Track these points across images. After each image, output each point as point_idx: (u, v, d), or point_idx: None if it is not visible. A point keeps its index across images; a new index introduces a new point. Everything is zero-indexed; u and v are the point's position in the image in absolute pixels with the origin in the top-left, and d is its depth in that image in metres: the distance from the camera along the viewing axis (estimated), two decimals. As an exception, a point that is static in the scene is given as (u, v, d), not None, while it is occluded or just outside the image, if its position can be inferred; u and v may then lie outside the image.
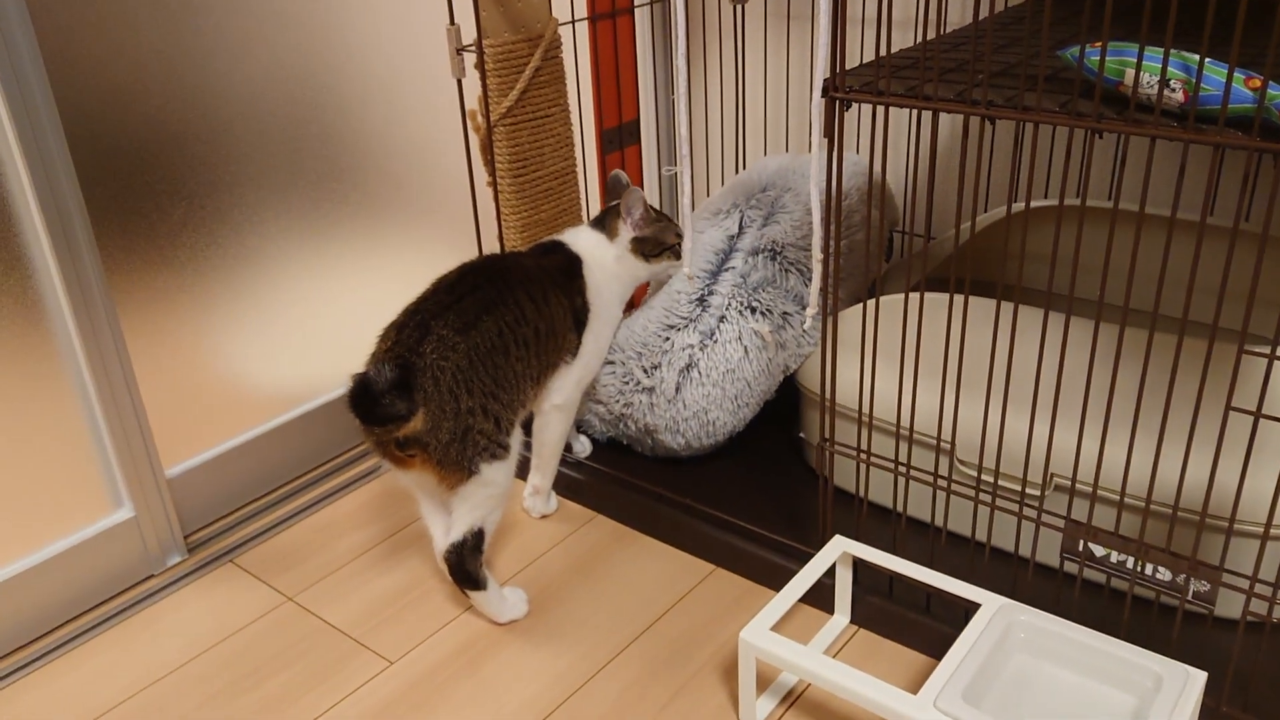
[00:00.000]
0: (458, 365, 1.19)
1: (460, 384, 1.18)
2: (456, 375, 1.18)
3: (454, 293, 1.25)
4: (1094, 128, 0.91)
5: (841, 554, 1.21)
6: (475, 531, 1.24)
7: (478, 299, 1.24)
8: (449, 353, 1.19)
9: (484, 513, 1.25)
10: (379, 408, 1.14)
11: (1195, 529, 0.99)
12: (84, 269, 1.29)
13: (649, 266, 1.43)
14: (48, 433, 1.32)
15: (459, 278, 1.28)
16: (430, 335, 1.19)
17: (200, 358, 1.50)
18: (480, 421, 1.20)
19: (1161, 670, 0.99)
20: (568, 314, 1.35)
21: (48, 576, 1.34)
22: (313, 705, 1.20)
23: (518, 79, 1.39)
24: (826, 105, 1.06)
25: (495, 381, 1.22)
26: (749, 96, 1.92)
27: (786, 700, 1.17)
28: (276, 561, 1.46)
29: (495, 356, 1.22)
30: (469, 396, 1.19)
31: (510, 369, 1.24)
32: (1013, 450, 1.16)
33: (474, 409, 1.19)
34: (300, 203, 1.57)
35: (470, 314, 1.22)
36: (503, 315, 1.25)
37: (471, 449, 1.20)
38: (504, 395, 1.23)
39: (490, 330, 1.23)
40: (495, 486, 1.24)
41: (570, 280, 1.37)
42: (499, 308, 1.25)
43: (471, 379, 1.20)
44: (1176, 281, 0.96)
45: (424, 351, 1.18)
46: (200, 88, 1.41)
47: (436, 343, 1.19)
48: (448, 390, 1.18)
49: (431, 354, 1.18)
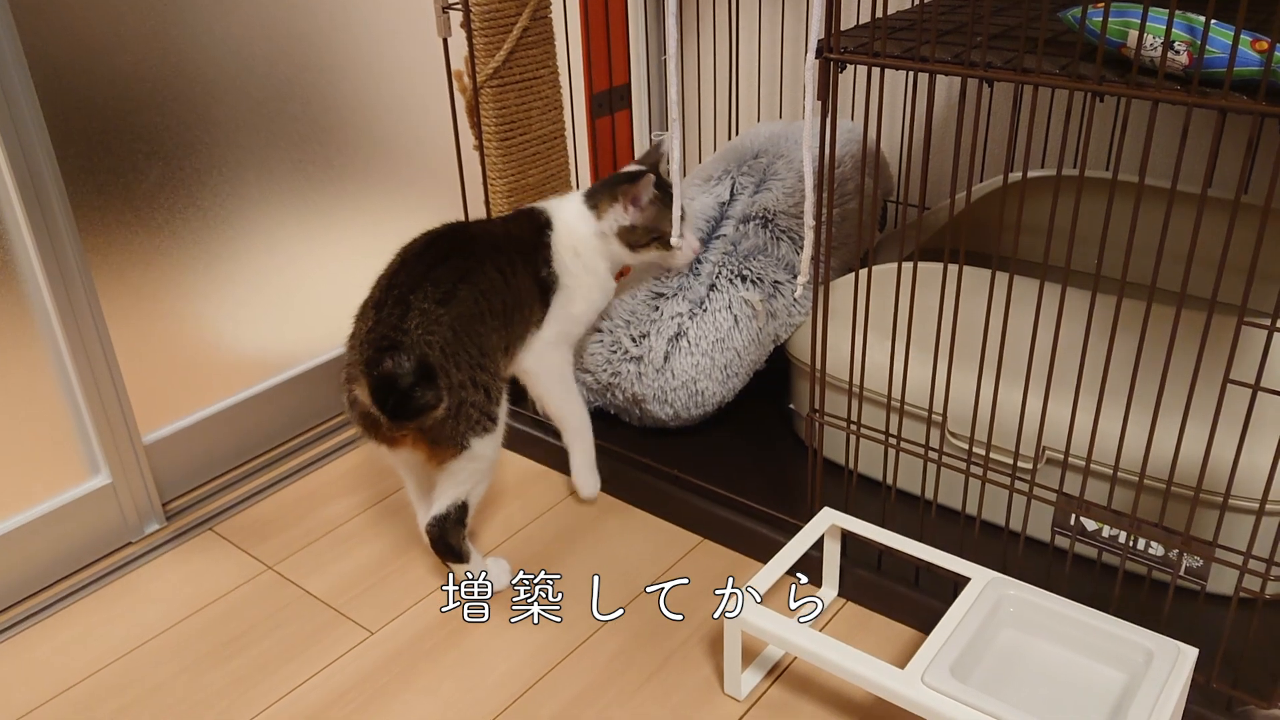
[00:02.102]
0: (444, 339, 1.15)
1: (449, 358, 1.15)
2: (445, 350, 1.15)
3: (424, 261, 1.20)
4: (1095, 90, 0.88)
5: (830, 526, 1.19)
6: (459, 505, 1.22)
7: (450, 268, 1.20)
8: (434, 326, 1.15)
9: (469, 486, 1.22)
10: (411, 402, 1.10)
11: (1189, 504, 0.97)
12: (57, 230, 1.26)
13: (634, 255, 1.36)
14: (21, 397, 1.29)
15: (425, 246, 1.23)
16: (411, 310, 1.15)
17: (178, 322, 1.47)
18: (472, 394, 1.17)
19: (1152, 646, 0.98)
20: (533, 284, 1.30)
21: (22, 542, 1.31)
22: (292, 675, 1.18)
23: (505, 39, 1.36)
24: (820, 67, 1.04)
25: (480, 350, 1.19)
26: (742, 61, 1.88)
27: (772, 673, 1.16)
28: (256, 530, 1.44)
29: (476, 325, 1.19)
30: (458, 370, 1.16)
31: (488, 338, 1.21)
32: (1005, 423, 1.14)
33: (465, 382, 1.16)
34: (282, 164, 1.54)
35: (446, 284, 1.18)
36: (477, 283, 1.20)
37: (464, 424, 1.17)
38: (489, 364, 1.20)
39: (467, 299, 1.19)
40: (482, 460, 1.21)
41: (534, 250, 1.31)
42: (472, 275, 1.20)
43: (459, 351, 1.16)
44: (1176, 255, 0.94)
45: (409, 329, 1.14)
46: (179, 43, 1.37)
47: (420, 317, 1.15)
48: (438, 367, 1.15)
49: (417, 330, 1.14)
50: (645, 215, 1.33)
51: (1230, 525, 1.03)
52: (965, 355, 1.13)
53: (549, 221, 1.34)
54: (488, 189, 1.45)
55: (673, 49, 1.14)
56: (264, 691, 1.16)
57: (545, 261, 1.32)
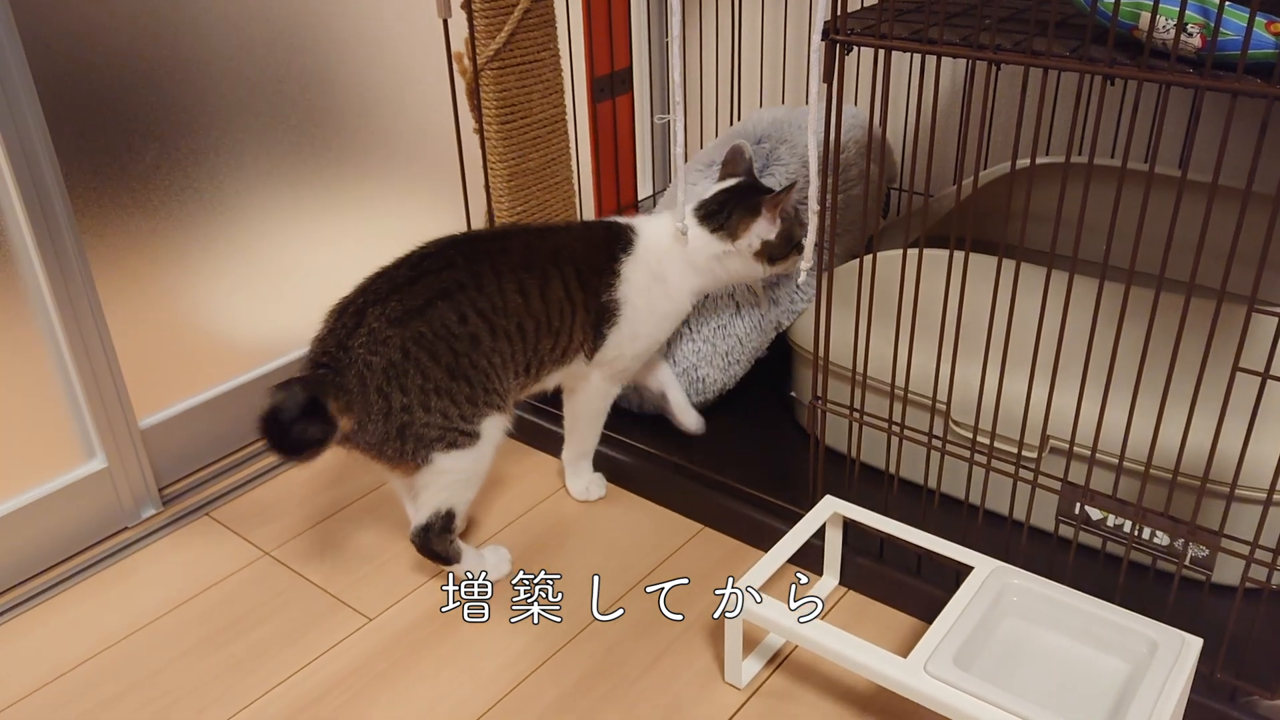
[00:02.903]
0: (390, 360, 1.09)
1: (392, 381, 1.09)
2: (388, 372, 1.09)
3: (417, 268, 1.15)
4: (1106, 73, 0.87)
5: (832, 514, 1.18)
6: (443, 514, 1.19)
7: (440, 280, 1.13)
8: (379, 347, 1.09)
9: (449, 495, 1.19)
10: (289, 438, 1.06)
11: (1194, 493, 0.97)
12: (53, 211, 1.25)
13: (770, 269, 1.25)
14: (17, 381, 1.28)
15: (437, 251, 1.17)
16: (361, 327, 1.10)
17: (175, 306, 1.46)
18: (421, 416, 1.11)
19: (1156, 636, 0.98)
20: (578, 311, 1.21)
21: (17, 527, 1.30)
22: (289, 661, 1.17)
23: (506, 21, 1.34)
24: (826, 49, 1.02)
25: (449, 373, 1.12)
26: (745, 45, 1.86)
27: (773, 662, 1.15)
28: (253, 515, 1.43)
29: (454, 345, 1.12)
30: (402, 394, 1.10)
31: (481, 358, 1.14)
32: (1009, 411, 1.13)
33: (410, 405, 1.10)
34: (280, 147, 1.52)
35: (419, 298, 1.11)
36: (474, 301, 1.13)
37: (414, 443, 1.12)
38: (463, 388, 1.13)
39: (447, 317, 1.12)
40: (457, 473, 1.17)
41: (597, 273, 1.22)
42: (467, 292, 1.13)
43: (407, 373, 1.10)
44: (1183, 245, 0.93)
45: (351, 346, 1.09)
46: (175, 23, 1.35)
47: (366, 336, 1.09)
48: (375, 390, 1.09)
49: (359, 349, 1.09)
50: (785, 224, 1.24)
51: (1237, 515, 1.03)
52: (969, 343, 1.12)
53: (630, 243, 1.25)
54: (488, 172, 1.44)
55: (676, 30, 1.13)
56: (261, 678, 1.15)
57: (608, 287, 1.23)
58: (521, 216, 1.46)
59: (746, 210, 1.23)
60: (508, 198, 1.43)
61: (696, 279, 1.27)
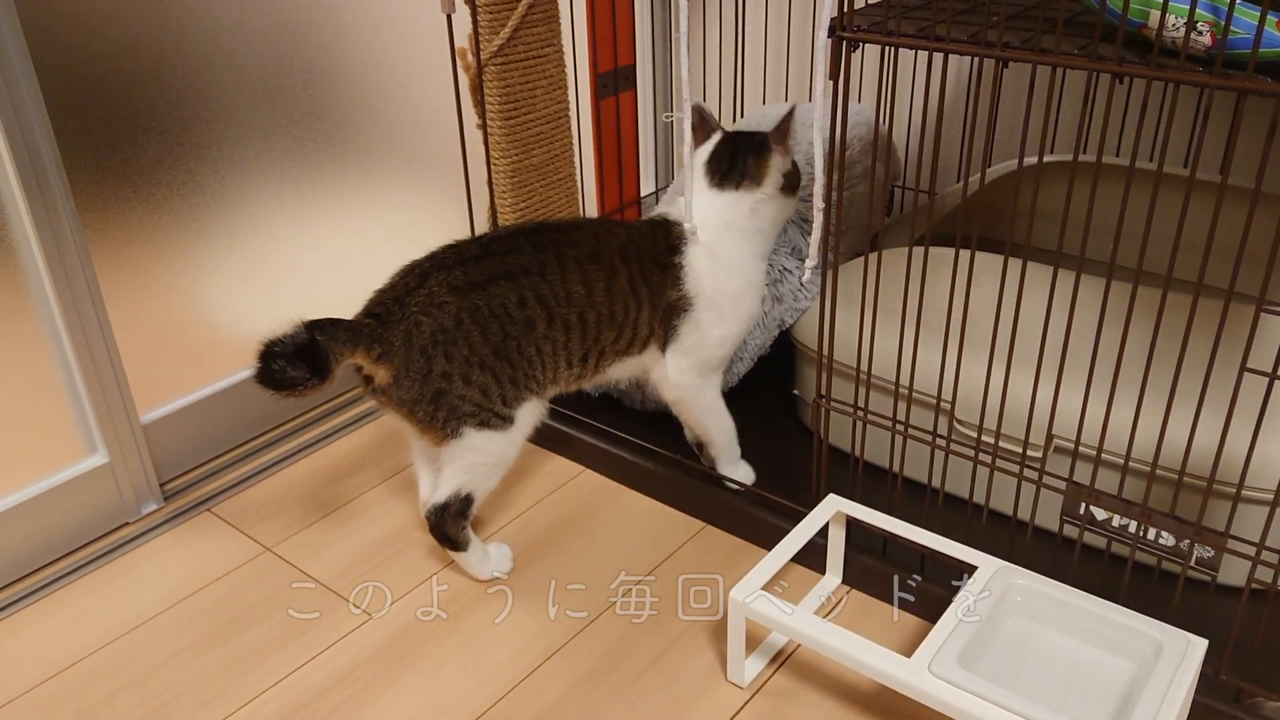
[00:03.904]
0: (440, 325, 1.11)
1: (438, 346, 1.11)
2: (436, 336, 1.11)
3: (487, 247, 1.17)
4: (1115, 72, 0.86)
5: (835, 513, 1.18)
6: (462, 496, 1.20)
7: (506, 262, 1.15)
8: (433, 309, 1.11)
9: (472, 478, 1.19)
10: (270, 371, 1.07)
11: (1200, 494, 0.96)
12: (54, 204, 1.24)
13: (794, 199, 1.24)
14: (18, 375, 1.28)
15: (506, 235, 1.19)
16: (422, 288, 1.13)
17: (177, 300, 1.45)
18: (460, 388, 1.13)
19: (1161, 637, 0.97)
20: (644, 305, 1.20)
21: (18, 522, 1.30)
22: (290, 658, 1.17)
23: (510, 16, 1.34)
24: (833, 46, 1.02)
25: (495, 352, 1.13)
26: (749, 43, 1.86)
27: (776, 660, 1.15)
28: (255, 511, 1.42)
29: (506, 326, 1.13)
30: (446, 361, 1.12)
31: (531, 345, 1.15)
32: (1014, 411, 1.13)
33: (450, 374, 1.12)
34: (282, 141, 1.52)
35: (483, 274, 1.13)
36: (535, 287, 1.15)
37: (447, 412, 1.14)
38: (506, 369, 1.14)
39: (506, 298, 1.13)
40: (485, 454, 1.18)
41: (661, 270, 1.21)
42: (530, 277, 1.15)
43: (455, 342, 1.12)
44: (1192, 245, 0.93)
45: (407, 303, 1.12)
46: (177, 16, 1.35)
47: (425, 297, 1.12)
48: (419, 350, 1.11)
49: (414, 307, 1.12)
50: (790, 153, 1.23)
51: (1243, 516, 1.02)
52: (974, 341, 1.12)
53: (684, 235, 1.22)
54: (490, 168, 1.43)
55: (684, 26, 1.12)
56: (262, 674, 1.15)
57: (675, 283, 1.21)
58: (524, 213, 1.45)
59: (758, 153, 1.21)
60: (510, 194, 1.43)
61: (748, 243, 1.23)
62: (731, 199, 1.22)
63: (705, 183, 1.23)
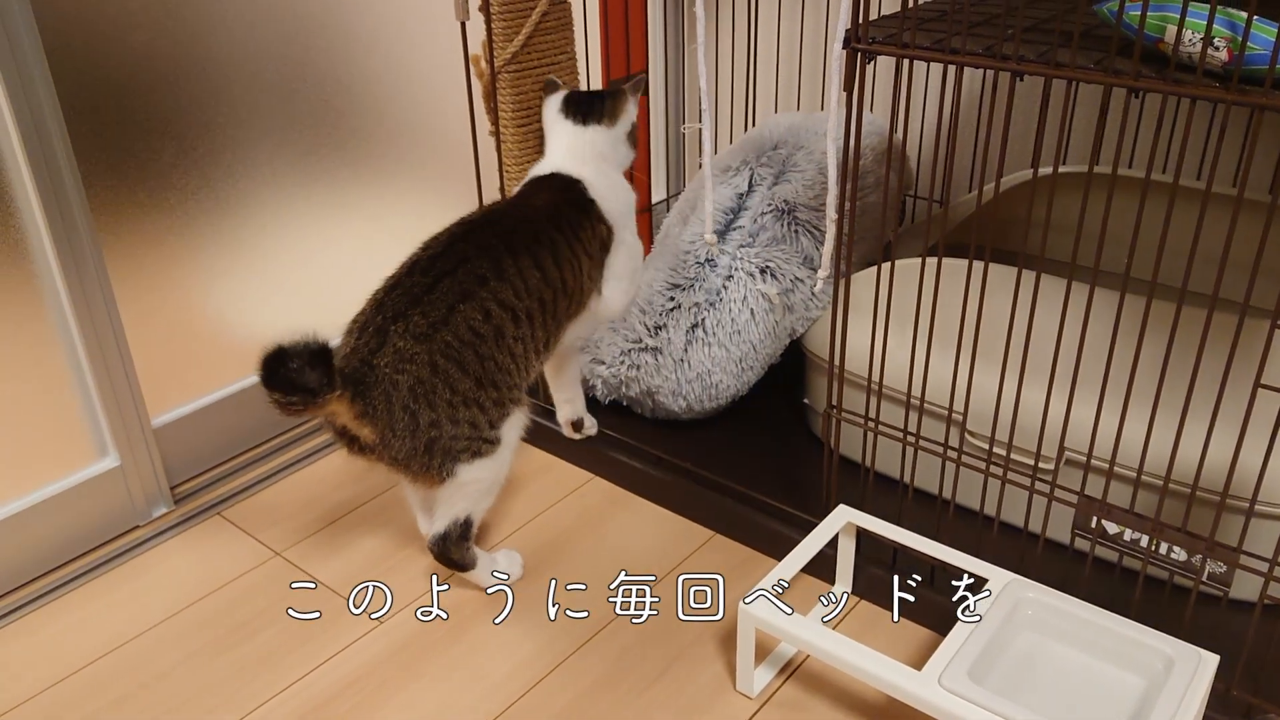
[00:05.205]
0: (417, 378, 1.07)
1: (419, 398, 1.08)
2: (415, 389, 1.07)
3: (431, 273, 1.11)
4: (1132, 86, 0.86)
5: (845, 524, 1.18)
6: (461, 522, 1.18)
7: (459, 279, 1.11)
8: (405, 365, 1.07)
9: (469, 504, 1.18)
10: (285, 370, 1.01)
11: (1213, 509, 0.96)
12: (69, 209, 1.25)
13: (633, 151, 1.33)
14: (31, 378, 1.28)
15: (445, 249, 1.14)
16: (387, 345, 1.08)
17: (190, 304, 1.46)
18: (449, 430, 1.10)
19: (1173, 652, 0.97)
20: (581, 259, 1.21)
21: (30, 525, 1.30)
22: (298, 663, 1.17)
23: (524, 24, 1.34)
24: (847, 57, 1.02)
25: (477, 382, 1.11)
26: (761, 51, 1.86)
27: (785, 671, 1.15)
28: (265, 515, 1.43)
29: (479, 347, 1.10)
30: (430, 410, 1.08)
31: (504, 354, 1.13)
32: (1026, 423, 1.12)
33: (438, 420, 1.09)
34: (295, 146, 1.52)
35: (443, 306, 1.09)
36: (495, 293, 1.11)
37: (440, 456, 1.11)
38: (490, 393, 1.12)
39: (472, 318, 1.10)
40: (479, 483, 1.16)
41: (583, 212, 1.23)
42: (487, 286, 1.11)
43: (435, 388, 1.08)
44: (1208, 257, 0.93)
45: (377, 365, 1.07)
46: (192, 22, 1.36)
47: (393, 355, 1.07)
48: (401, 408, 1.07)
49: (385, 368, 1.07)
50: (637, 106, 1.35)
51: (1256, 531, 1.02)
52: (987, 353, 1.12)
53: (576, 179, 1.26)
54: (503, 175, 1.43)
55: (702, 36, 1.12)
56: (271, 680, 1.15)
57: (600, 218, 1.25)
58: (536, 220, 1.45)
59: (614, 96, 1.30)
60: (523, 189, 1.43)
61: (615, 172, 1.31)
62: (596, 132, 1.29)
63: (569, 123, 1.30)
